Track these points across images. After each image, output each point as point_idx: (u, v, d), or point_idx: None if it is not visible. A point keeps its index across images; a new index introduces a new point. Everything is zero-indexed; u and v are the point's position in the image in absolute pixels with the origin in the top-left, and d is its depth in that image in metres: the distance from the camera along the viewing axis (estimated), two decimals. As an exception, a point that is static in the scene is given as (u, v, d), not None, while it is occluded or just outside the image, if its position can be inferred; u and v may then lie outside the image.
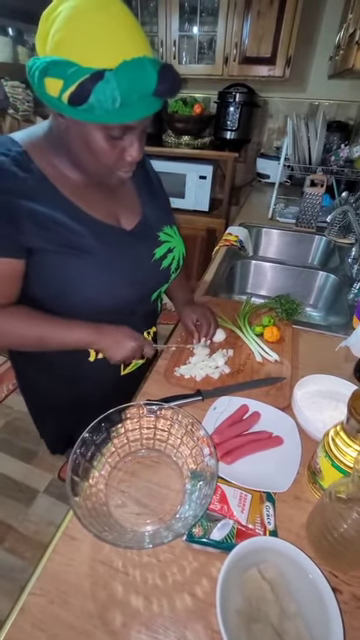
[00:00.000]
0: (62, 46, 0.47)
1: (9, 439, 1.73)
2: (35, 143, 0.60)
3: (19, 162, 0.57)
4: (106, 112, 0.48)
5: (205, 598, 0.47)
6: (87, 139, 0.54)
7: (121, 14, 0.48)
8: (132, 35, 0.48)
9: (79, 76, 0.46)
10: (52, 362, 0.79)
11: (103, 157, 0.56)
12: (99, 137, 0.53)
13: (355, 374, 0.83)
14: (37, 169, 0.59)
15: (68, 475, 0.50)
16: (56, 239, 0.60)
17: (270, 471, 0.60)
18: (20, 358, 0.86)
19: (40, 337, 0.65)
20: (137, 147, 0.57)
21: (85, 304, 0.66)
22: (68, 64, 0.46)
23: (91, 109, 0.48)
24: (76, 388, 0.85)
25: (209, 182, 2.22)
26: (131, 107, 0.49)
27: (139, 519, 0.54)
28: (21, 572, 1.27)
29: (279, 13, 1.87)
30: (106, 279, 0.66)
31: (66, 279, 0.63)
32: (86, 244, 0.63)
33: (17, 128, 1.90)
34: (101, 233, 0.65)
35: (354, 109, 2.23)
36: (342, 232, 1.55)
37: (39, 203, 0.58)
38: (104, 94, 0.46)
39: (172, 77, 0.50)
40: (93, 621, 0.45)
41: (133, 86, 0.47)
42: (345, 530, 0.46)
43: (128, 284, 0.69)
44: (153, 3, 2.08)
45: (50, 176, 0.60)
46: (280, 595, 0.44)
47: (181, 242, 0.80)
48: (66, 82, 0.46)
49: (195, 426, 0.59)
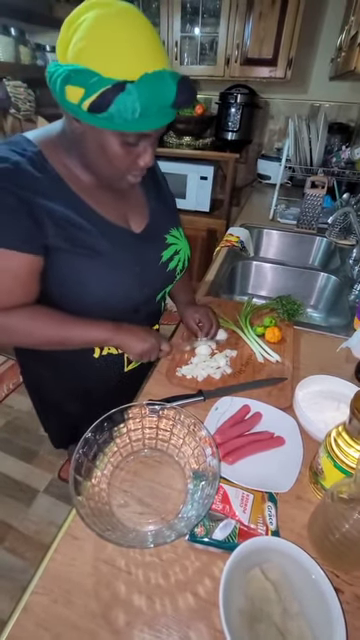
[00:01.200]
0: (84, 55, 0.47)
1: (9, 438, 1.73)
2: (49, 143, 0.61)
3: (34, 162, 0.58)
4: (125, 121, 0.49)
5: (208, 598, 0.47)
6: (103, 144, 0.54)
7: (143, 27, 0.49)
8: (153, 48, 0.49)
9: (101, 86, 0.47)
10: (57, 358, 0.80)
11: (117, 162, 0.57)
12: (115, 143, 0.54)
13: (356, 375, 0.83)
14: (52, 169, 0.60)
15: (71, 474, 0.50)
16: (70, 238, 0.61)
17: (272, 471, 0.60)
18: (25, 353, 0.87)
19: (63, 336, 0.66)
20: (150, 153, 0.58)
21: (94, 304, 0.67)
22: (90, 73, 0.47)
23: (110, 118, 0.49)
24: (80, 384, 0.86)
25: (210, 183, 2.23)
26: (149, 117, 0.50)
27: (142, 519, 0.55)
28: (21, 572, 1.27)
29: (281, 15, 1.88)
30: (116, 280, 0.67)
31: (77, 279, 0.64)
32: (98, 245, 0.64)
33: (19, 128, 1.91)
34: (112, 235, 0.66)
35: (355, 111, 2.24)
36: (343, 233, 1.56)
37: (55, 202, 0.59)
38: (125, 105, 0.47)
39: (189, 89, 0.51)
40: (96, 620, 0.45)
41: (153, 98, 0.48)
42: (347, 530, 0.46)
43: (137, 286, 0.70)
44: (155, 4, 2.09)
45: (64, 176, 0.61)
46: (283, 595, 0.44)
47: (187, 244, 0.81)
48: (87, 91, 0.47)
49: (197, 426, 0.59)
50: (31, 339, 0.66)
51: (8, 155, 0.56)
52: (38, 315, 0.64)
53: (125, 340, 0.71)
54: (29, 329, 0.64)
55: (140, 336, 0.72)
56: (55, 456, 1.65)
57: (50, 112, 1.96)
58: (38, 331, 0.64)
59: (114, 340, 0.70)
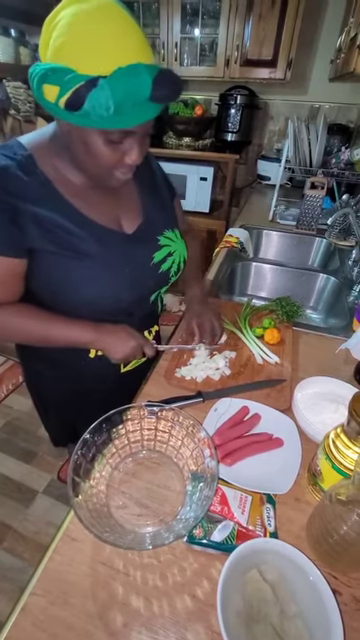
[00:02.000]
0: (61, 52, 0.47)
1: (8, 439, 1.73)
2: (41, 146, 0.61)
3: (24, 166, 0.58)
4: (101, 118, 0.49)
5: (205, 599, 0.47)
6: (87, 142, 0.54)
7: (120, 20, 0.48)
8: (130, 42, 0.48)
9: (75, 83, 0.46)
10: (55, 357, 0.80)
11: (102, 160, 0.56)
12: (98, 141, 0.54)
13: (355, 376, 0.83)
14: (41, 173, 0.60)
15: (69, 476, 0.50)
16: (57, 242, 0.61)
17: (270, 473, 0.60)
18: (26, 352, 0.88)
19: (42, 334, 0.68)
20: (137, 151, 0.57)
21: (84, 304, 0.67)
22: (65, 71, 0.46)
23: (86, 115, 0.49)
24: (78, 383, 0.86)
25: (210, 183, 2.23)
26: (126, 113, 0.49)
27: (140, 520, 0.55)
28: (20, 572, 1.27)
29: (280, 16, 1.88)
30: (104, 281, 0.67)
31: (66, 280, 0.64)
32: (86, 247, 0.64)
33: (18, 128, 1.91)
34: (101, 237, 0.66)
35: (355, 112, 2.24)
36: (342, 234, 1.56)
37: (42, 207, 0.59)
38: (98, 101, 0.46)
39: (169, 83, 0.49)
40: (93, 621, 0.45)
41: (127, 93, 0.47)
42: (345, 532, 0.46)
43: (126, 287, 0.70)
44: (155, 5, 2.09)
45: (54, 179, 0.61)
46: (280, 596, 0.44)
47: (183, 246, 0.80)
48: (62, 89, 0.47)
49: (196, 427, 0.59)
50: (13, 335, 0.68)
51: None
52: (21, 312, 0.66)
53: (107, 345, 0.71)
54: (12, 325, 0.66)
55: (121, 340, 0.71)
56: (54, 457, 1.65)
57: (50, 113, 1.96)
58: (21, 327, 0.66)
59: (96, 343, 0.71)
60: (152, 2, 2.11)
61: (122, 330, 0.72)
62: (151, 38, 2.21)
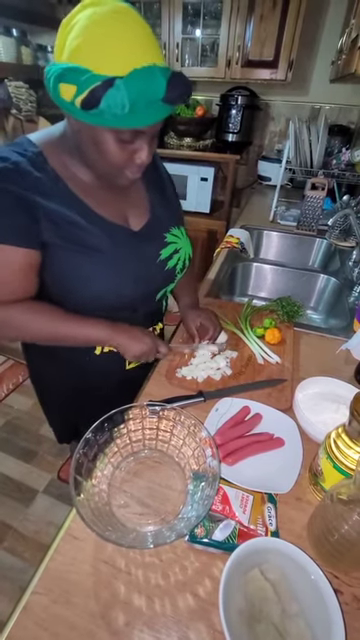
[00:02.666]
0: (78, 53, 0.48)
1: (9, 438, 1.73)
2: (51, 144, 0.62)
3: (35, 162, 0.59)
4: (115, 117, 0.50)
5: (207, 598, 0.47)
6: (98, 141, 0.55)
7: (135, 24, 0.49)
8: (144, 44, 0.49)
9: (91, 83, 0.47)
10: (60, 353, 0.80)
11: (113, 159, 0.57)
12: (109, 140, 0.55)
13: (356, 377, 0.83)
14: (51, 169, 0.61)
15: (71, 475, 0.50)
16: (67, 236, 0.62)
17: (272, 472, 0.61)
18: (31, 348, 0.88)
19: (56, 332, 0.68)
20: (147, 150, 0.58)
21: (90, 300, 0.68)
22: (82, 71, 0.48)
23: (101, 114, 0.50)
24: (82, 379, 0.86)
25: (210, 184, 2.23)
26: (140, 113, 0.51)
27: (142, 519, 0.55)
28: (20, 572, 1.27)
29: (282, 17, 1.88)
30: (112, 277, 0.67)
31: (73, 275, 0.65)
32: (95, 242, 0.64)
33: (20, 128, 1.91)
34: (110, 233, 0.66)
35: (356, 113, 2.24)
36: (343, 235, 1.56)
37: (53, 201, 0.60)
38: (114, 100, 0.48)
39: (181, 85, 0.51)
40: (95, 620, 0.45)
41: (142, 93, 0.48)
42: (346, 531, 0.46)
43: (133, 283, 0.70)
44: (156, 5, 2.09)
45: (64, 176, 0.62)
46: (282, 595, 0.44)
47: (188, 243, 0.81)
48: (79, 88, 0.48)
49: (197, 427, 0.59)
50: (28, 333, 0.68)
51: (9, 155, 0.58)
52: (36, 310, 0.66)
53: (123, 341, 0.71)
54: (26, 323, 0.66)
55: (137, 337, 0.72)
56: (54, 456, 1.65)
57: (51, 113, 1.97)
58: (35, 325, 0.66)
59: (112, 341, 0.71)
60: (154, 2, 2.11)
61: (137, 329, 0.74)
62: (152, 38, 2.21)
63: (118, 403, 0.61)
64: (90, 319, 0.69)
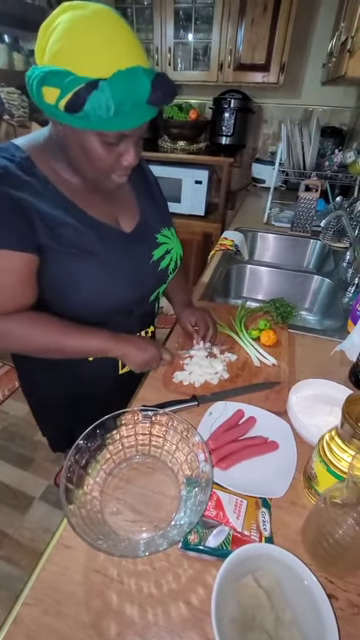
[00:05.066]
0: (59, 56, 0.48)
1: (5, 445, 1.71)
2: (37, 148, 0.62)
3: (23, 167, 0.59)
4: (100, 120, 0.49)
5: (200, 606, 0.46)
6: (84, 145, 0.55)
7: (117, 26, 0.49)
8: (127, 46, 0.49)
9: (75, 85, 0.47)
10: (52, 361, 0.79)
11: (99, 162, 0.57)
12: (95, 143, 0.54)
13: (350, 378, 0.83)
14: (40, 173, 0.60)
15: (62, 483, 0.50)
16: (61, 239, 0.61)
17: (266, 477, 0.60)
18: (22, 356, 0.86)
19: (58, 344, 0.66)
20: (133, 153, 0.58)
21: (85, 304, 0.67)
22: (65, 73, 0.47)
23: (86, 117, 0.49)
24: (75, 386, 0.86)
25: (205, 187, 2.24)
26: (125, 115, 0.50)
27: (134, 526, 0.54)
28: (17, 581, 1.25)
29: (273, 21, 1.90)
30: (106, 280, 0.67)
31: (67, 279, 0.64)
32: (88, 245, 0.64)
33: (12, 134, 1.91)
34: (102, 234, 0.66)
35: (348, 115, 2.26)
36: (336, 236, 1.57)
37: (44, 203, 0.60)
38: (98, 102, 0.47)
39: (166, 86, 0.51)
40: (87, 631, 0.44)
41: (126, 95, 0.48)
42: (340, 536, 0.45)
43: (127, 285, 0.70)
44: (148, 11, 2.11)
45: (52, 180, 0.62)
46: (275, 602, 0.44)
47: (178, 244, 0.82)
48: (62, 91, 0.48)
49: (190, 432, 0.59)
50: (28, 345, 0.66)
51: None
52: (37, 321, 0.65)
53: (127, 351, 0.71)
54: (28, 335, 0.64)
55: (140, 347, 0.72)
56: (51, 463, 1.63)
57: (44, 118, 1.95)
58: (37, 337, 0.65)
59: (116, 351, 0.70)
60: (145, 8, 2.12)
61: (139, 339, 0.74)
62: (145, 43, 2.22)
63: (114, 408, 0.60)
64: (92, 329, 0.68)
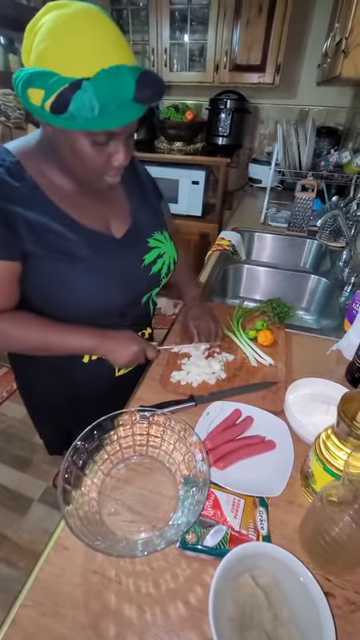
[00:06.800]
0: (44, 57, 0.48)
1: (3, 447, 1.71)
2: (28, 152, 0.62)
3: (12, 172, 0.59)
4: (86, 120, 0.49)
5: (199, 606, 0.46)
6: (73, 146, 0.55)
7: (101, 24, 0.49)
8: (112, 44, 0.49)
9: (59, 86, 0.47)
10: (48, 362, 0.80)
11: (90, 163, 0.57)
12: (85, 143, 0.54)
13: (346, 377, 0.83)
14: (30, 178, 0.60)
15: (60, 484, 0.50)
16: (47, 245, 0.62)
17: (263, 476, 0.60)
18: (18, 358, 0.87)
19: (43, 342, 0.67)
20: (123, 152, 0.58)
21: (75, 308, 0.67)
22: (49, 74, 0.47)
23: (72, 117, 0.49)
24: (72, 388, 0.85)
25: (202, 187, 2.24)
26: (111, 114, 0.50)
27: (132, 527, 0.54)
28: (15, 582, 1.25)
29: (268, 22, 1.91)
30: (95, 285, 0.67)
31: (56, 284, 0.64)
32: (76, 251, 0.64)
33: (8, 135, 1.91)
34: (91, 241, 0.66)
35: (343, 115, 2.27)
36: (333, 236, 1.57)
37: (32, 211, 0.60)
38: (82, 103, 0.47)
39: (152, 84, 0.50)
40: (85, 632, 0.44)
41: (110, 94, 0.48)
42: (337, 534, 0.46)
43: (117, 289, 0.70)
44: (144, 12, 2.11)
45: (42, 185, 0.61)
46: (273, 601, 0.44)
47: (172, 247, 0.81)
48: (47, 92, 0.48)
49: (188, 432, 0.59)
50: (14, 343, 0.67)
51: None
52: (22, 320, 0.66)
53: (110, 349, 0.71)
54: (12, 333, 0.65)
55: (124, 344, 0.72)
56: (49, 464, 1.63)
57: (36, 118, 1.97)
58: (21, 335, 0.66)
59: (101, 348, 0.71)
60: (141, 9, 2.12)
61: (124, 335, 0.73)
62: (140, 44, 2.23)
63: (111, 409, 0.60)
64: (78, 327, 0.69)
